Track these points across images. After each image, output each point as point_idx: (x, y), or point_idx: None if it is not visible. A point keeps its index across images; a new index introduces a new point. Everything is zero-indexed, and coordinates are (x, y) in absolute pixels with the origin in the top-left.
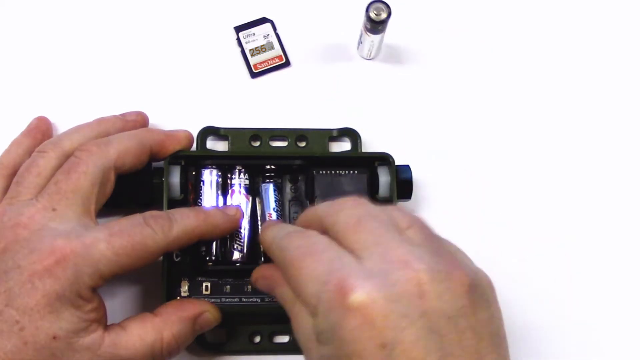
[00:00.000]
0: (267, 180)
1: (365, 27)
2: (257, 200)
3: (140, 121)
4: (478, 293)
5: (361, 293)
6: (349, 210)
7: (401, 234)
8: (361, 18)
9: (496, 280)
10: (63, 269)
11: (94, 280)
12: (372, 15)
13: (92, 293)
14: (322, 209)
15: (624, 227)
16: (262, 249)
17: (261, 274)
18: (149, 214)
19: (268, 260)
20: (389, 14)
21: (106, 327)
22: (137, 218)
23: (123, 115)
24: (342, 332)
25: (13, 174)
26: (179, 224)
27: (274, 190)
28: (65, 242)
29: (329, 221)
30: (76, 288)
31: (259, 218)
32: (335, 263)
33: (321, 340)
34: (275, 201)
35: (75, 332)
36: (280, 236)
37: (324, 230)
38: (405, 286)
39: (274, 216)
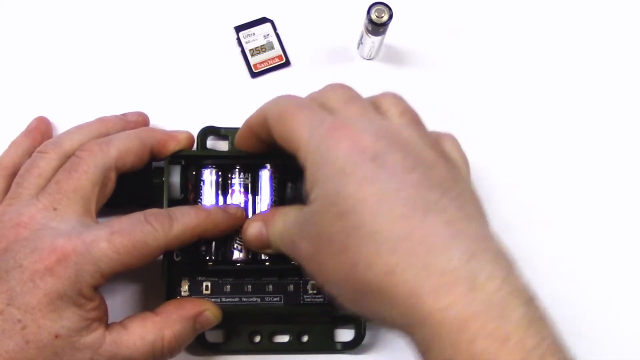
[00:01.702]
0: (263, 166)
1: (367, 29)
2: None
3: (141, 122)
4: (446, 153)
5: (353, 123)
6: (339, 90)
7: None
8: (361, 18)
9: None
10: (64, 267)
11: (95, 278)
12: (374, 17)
13: (93, 292)
14: (316, 91)
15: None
16: None
17: (249, 223)
18: (149, 211)
19: (269, 260)
20: (391, 16)
21: (107, 325)
22: (137, 216)
23: (124, 115)
24: (335, 152)
25: (13, 174)
26: (179, 221)
27: (270, 178)
28: (66, 241)
29: (321, 98)
30: (77, 287)
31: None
32: (326, 114)
33: (310, 180)
34: (271, 189)
35: (77, 330)
36: (268, 103)
37: None
38: (390, 128)
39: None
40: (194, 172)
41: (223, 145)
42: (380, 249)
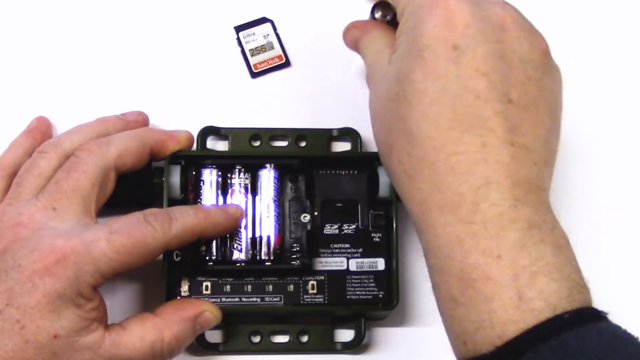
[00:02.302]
0: (263, 166)
1: None
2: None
3: (140, 121)
4: (551, 64)
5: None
6: None
7: None
8: (361, 18)
9: None
10: (63, 267)
11: (94, 278)
12: (378, 16)
13: (92, 292)
14: None
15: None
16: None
17: (352, 24)
18: (148, 211)
19: (270, 260)
20: (394, 16)
21: (107, 326)
22: (136, 216)
23: (124, 115)
24: (423, 25)
25: (13, 174)
26: (178, 221)
27: (270, 178)
28: (65, 241)
29: None
30: (77, 287)
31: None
32: None
33: (398, 41)
34: (275, 190)
35: (76, 331)
36: None
37: None
38: (493, 15)
39: (271, 207)
40: (194, 172)
41: (223, 145)
42: (412, 151)
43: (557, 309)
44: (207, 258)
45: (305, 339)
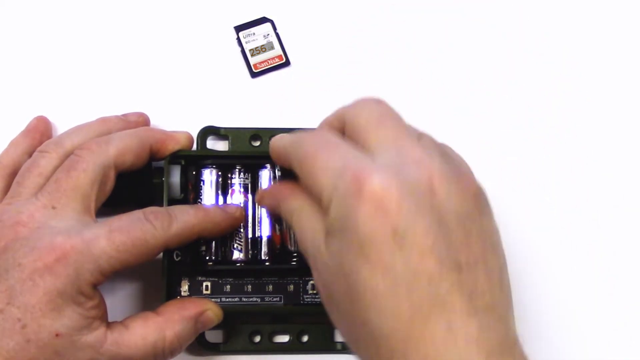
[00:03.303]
0: (263, 166)
1: None
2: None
3: (142, 123)
4: (482, 201)
5: (377, 182)
6: (371, 107)
7: (417, 138)
8: (362, 17)
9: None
10: (64, 266)
11: (94, 276)
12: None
13: (93, 290)
14: (345, 107)
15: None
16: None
17: (267, 191)
18: (149, 210)
19: (270, 260)
20: None
21: (108, 324)
22: (137, 214)
23: (125, 116)
24: (355, 220)
25: (13, 173)
26: (178, 220)
27: (270, 178)
28: (65, 239)
29: (351, 114)
30: (77, 285)
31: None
32: (350, 156)
33: (331, 233)
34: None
35: (77, 329)
36: (293, 139)
37: (342, 129)
38: (419, 181)
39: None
40: (194, 172)
41: (223, 145)
42: (379, 348)
43: None
44: (207, 258)
45: (305, 339)
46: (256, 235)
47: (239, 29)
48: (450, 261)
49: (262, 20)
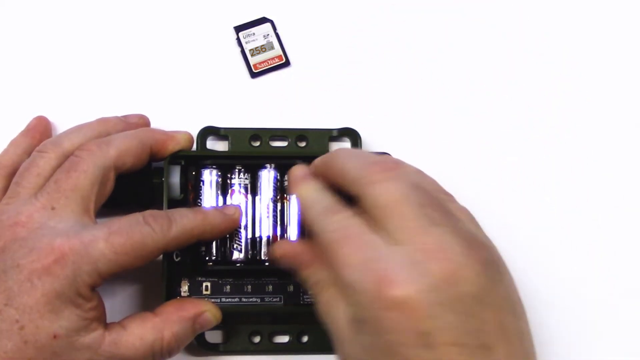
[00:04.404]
0: (263, 166)
1: None
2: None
3: (142, 124)
4: (494, 268)
5: (402, 288)
6: (384, 185)
7: (434, 223)
8: (362, 17)
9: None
10: (62, 267)
11: (92, 278)
12: None
13: (91, 292)
14: (352, 173)
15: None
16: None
17: (288, 251)
18: (148, 212)
19: (270, 261)
20: None
21: (106, 325)
22: (136, 217)
23: (125, 117)
24: (382, 323)
25: (12, 173)
26: (177, 223)
27: (270, 178)
28: (64, 241)
29: (360, 191)
30: (75, 286)
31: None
32: (371, 250)
33: (360, 329)
34: (274, 190)
35: (75, 330)
36: (318, 212)
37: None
38: (442, 276)
39: (271, 207)
40: (193, 172)
41: (223, 145)
42: None
43: None
44: (207, 258)
45: (305, 339)
46: (256, 236)
47: (238, 29)
48: (474, 346)
49: (262, 20)
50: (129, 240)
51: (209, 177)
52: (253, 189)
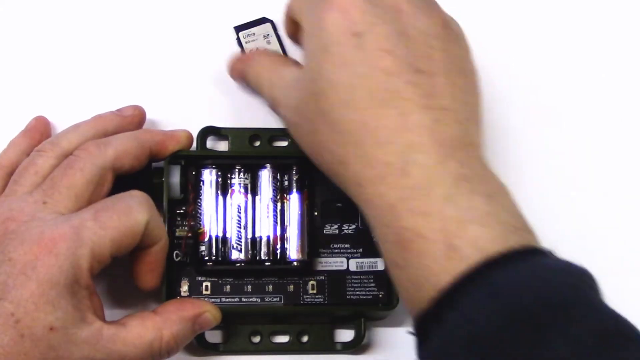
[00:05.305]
0: (263, 166)
1: None
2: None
3: (137, 115)
4: (454, 32)
5: None
6: None
7: None
8: None
9: None
10: (55, 256)
11: (88, 261)
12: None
13: (87, 277)
14: None
15: None
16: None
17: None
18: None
19: (270, 260)
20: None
21: (105, 321)
22: (122, 194)
23: (120, 110)
24: (323, 24)
25: (11, 173)
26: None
27: (272, 178)
28: (53, 229)
29: None
30: (72, 273)
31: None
32: None
33: (306, 43)
34: (274, 190)
35: (72, 322)
36: None
37: None
38: (386, 0)
39: (271, 207)
40: (193, 172)
41: (223, 145)
42: (338, 139)
43: (487, 252)
44: (207, 258)
45: (305, 339)
46: (256, 236)
47: (239, 29)
48: (408, 64)
49: (262, 20)
50: (115, 212)
51: (209, 177)
52: (253, 189)
